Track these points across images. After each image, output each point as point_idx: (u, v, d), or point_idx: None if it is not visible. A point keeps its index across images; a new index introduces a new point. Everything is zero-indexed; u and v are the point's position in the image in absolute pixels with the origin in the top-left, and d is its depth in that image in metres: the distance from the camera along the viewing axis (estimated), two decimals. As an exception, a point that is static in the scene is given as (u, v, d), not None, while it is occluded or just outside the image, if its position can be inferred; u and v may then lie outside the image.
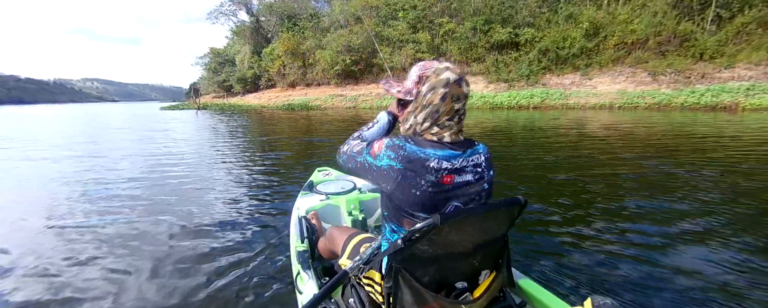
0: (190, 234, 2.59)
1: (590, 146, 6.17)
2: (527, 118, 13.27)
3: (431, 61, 0.87)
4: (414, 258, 0.84)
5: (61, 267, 2.15)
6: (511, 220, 0.93)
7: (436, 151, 0.80)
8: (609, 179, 3.85)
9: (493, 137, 7.78)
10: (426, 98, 0.82)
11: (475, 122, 11.77)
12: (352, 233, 1.24)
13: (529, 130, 9.44)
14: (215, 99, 46.48)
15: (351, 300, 1.07)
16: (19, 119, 20.38)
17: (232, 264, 2.08)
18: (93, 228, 2.76)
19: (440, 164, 0.79)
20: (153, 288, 1.87)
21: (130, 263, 2.16)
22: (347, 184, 2.15)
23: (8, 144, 8.37)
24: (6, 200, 3.68)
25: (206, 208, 3.15)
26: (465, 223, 0.83)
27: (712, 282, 1.68)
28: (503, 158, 5.21)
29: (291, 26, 37.10)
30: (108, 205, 3.36)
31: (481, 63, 24.75)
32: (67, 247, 2.42)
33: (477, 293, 0.91)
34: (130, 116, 22.59)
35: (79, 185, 4.17)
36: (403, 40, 28.16)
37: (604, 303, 0.72)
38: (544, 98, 18.86)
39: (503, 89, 22.17)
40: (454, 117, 0.83)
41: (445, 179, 0.80)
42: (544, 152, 5.76)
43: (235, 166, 5.22)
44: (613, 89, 18.55)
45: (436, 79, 0.82)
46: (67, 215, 3.08)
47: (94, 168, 5.23)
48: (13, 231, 2.79)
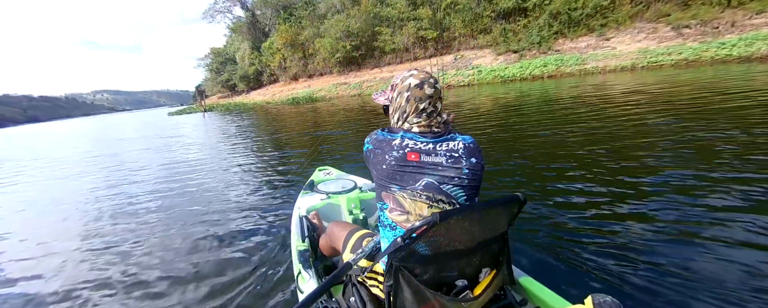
0: (190, 233, 2.63)
1: (606, 120, 5.33)
2: (541, 89, 12.49)
3: (406, 72, 1.02)
4: (414, 256, 0.84)
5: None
6: (511, 217, 0.94)
7: (403, 134, 0.96)
8: (625, 162, 3.34)
9: (500, 117, 7.07)
10: (396, 102, 1.01)
11: (482, 101, 11.10)
12: (353, 228, 1.26)
13: (544, 103, 8.69)
14: (221, 99, 46.55)
15: (352, 298, 1.07)
16: (38, 138, 20.66)
17: (233, 264, 2.10)
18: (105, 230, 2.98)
19: (403, 142, 0.94)
20: (153, 287, 1.91)
21: (131, 261, 2.24)
22: (348, 183, 2.14)
23: (34, 164, 8.55)
24: (34, 222, 3.73)
25: (208, 208, 3.21)
26: (464, 221, 0.84)
27: (715, 281, 1.58)
28: (506, 142, 4.67)
29: (287, 17, 36.21)
30: (130, 214, 3.49)
31: (487, 34, 23.57)
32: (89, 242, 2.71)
33: (477, 291, 0.93)
34: (140, 125, 23.11)
35: (98, 201, 4.23)
36: (403, 18, 27.01)
37: (604, 300, 0.71)
38: (558, 66, 17.80)
39: (514, 60, 21.07)
40: (421, 114, 0.96)
41: (410, 156, 0.92)
42: (552, 130, 5.10)
43: (239, 168, 5.19)
44: (633, 49, 17.31)
45: (401, 85, 0.99)
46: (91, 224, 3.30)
47: (111, 181, 5.36)
48: (47, 251, 2.82)
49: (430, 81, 0.96)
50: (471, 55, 23.94)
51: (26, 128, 65.81)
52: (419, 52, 27.53)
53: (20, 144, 17.21)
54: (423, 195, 0.90)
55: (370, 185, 2.07)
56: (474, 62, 22.70)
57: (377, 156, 0.95)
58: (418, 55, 27.60)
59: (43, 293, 2.09)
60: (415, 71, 0.99)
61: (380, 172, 0.93)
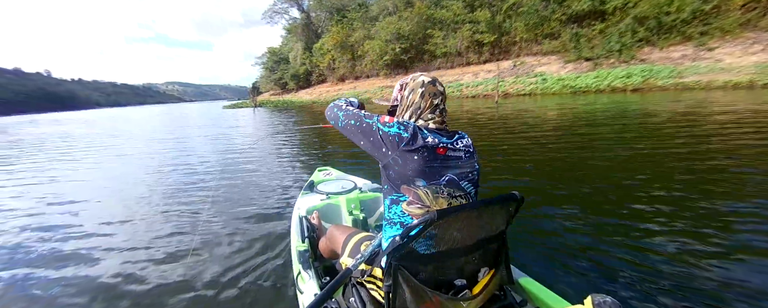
0: (191, 233, 2.59)
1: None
2: (620, 104, 10.20)
3: (411, 75, 1.01)
4: (413, 255, 0.84)
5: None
6: (509, 217, 0.93)
7: (428, 133, 0.90)
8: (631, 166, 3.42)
9: (572, 131, 5.57)
10: (408, 100, 0.97)
11: (551, 115, 9.19)
12: (351, 232, 1.24)
13: (637, 118, 6.77)
14: (272, 96, 48.42)
15: (352, 299, 1.05)
16: (120, 121, 22.26)
17: (233, 264, 2.05)
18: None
19: (432, 139, 0.89)
20: (152, 286, 1.87)
21: (133, 261, 2.17)
22: (347, 183, 2.14)
23: (119, 141, 9.62)
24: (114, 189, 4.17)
25: (211, 210, 3.13)
26: (462, 219, 0.84)
27: (715, 281, 1.59)
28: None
29: (340, 19, 36.45)
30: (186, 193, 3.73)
31: (554, 40, 21.10)
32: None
33: (476, 290, 0.92)
34: (199, 115, 24.32)
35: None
36: (458, 21, 25.42)
37: (604, 301, 0.70)
38: (646, 77, 15.02)
39: (586, 68, 18.44)
40: (435, 110, 0.95)
41: (439, 149, 0.89)
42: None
43: (249, 166, 5.04)
44: (747, 62, 14.04)
45: (413, 83, 0.97)
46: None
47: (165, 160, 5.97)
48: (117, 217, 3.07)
49: (439, 80, 0.99)
50: (533, 61, 21.59)
51: (110, 110, 79.21)
52: (473, 57, 25.70)
53: (113, 123, 19.16)
54: (445, 191, 0.89)
55: (370, 186, 2.06)
56: (537, 70, 20.38)
57: (410, 146, 0.86)
58: (472, 59, 25.78)
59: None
60: (421, 74, 1.00)
61: (408, 162, 0.86)
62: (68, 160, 6.49)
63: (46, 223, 2.97)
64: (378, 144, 0.88)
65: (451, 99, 21.00)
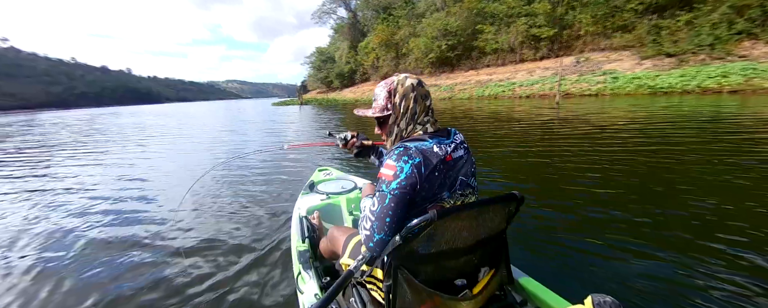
0: (191, 234, 2.55)
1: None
2: (715, 107, 8.29)
3: (388, 79, 0.96)
4: (413, 255, 0.83)
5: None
6: (509, 217, 0.93)
7: (430, 140, 0.88)
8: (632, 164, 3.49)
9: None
10: (402, 106, 0.92)
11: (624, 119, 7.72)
12: (352, 232, 1.22)
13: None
14: (318, 94, 49.84)
15: (352, 299, 1.05)
16: (186, 115, 24.91)
17: (233, 264, 2.04)
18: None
19: (439, 148, 0.88)
20: (152, 286, 1.86)
21: (133, 261, 2.17)
22: (348, 183, 2.15)
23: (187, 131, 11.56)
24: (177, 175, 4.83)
25: (212, 209, 3.13)
26: (461, 218, 0.83)
27: (715, 281, 1.56)
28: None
29: (386, 17, 36.14)
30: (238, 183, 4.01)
31: (627, 33, 18.55)
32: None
33: (476, 290, 0.92)
34: (252, 112, 25.70)
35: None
36: (512, 14, 23.60)
37: (604, 301, 0.70)
38: (747, 77, 12.42)
39: (668, 66, 15.88)
40: (428, 112, 0.93)
41: (448, 157, 0.88)
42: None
43: (267, 163, 5.14)
44: None
45: (402, 88, 0.92)
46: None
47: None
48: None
49: (420, 80, 0.95)
50: (600, 57, 19.20)
51: (179, 105, 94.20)
52: (528, 53, 23.72)
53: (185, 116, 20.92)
54: (458, 193, 0.90)
55: None
56: (605, 67, 18.07)
57: (427, 167, 0.84)
58: (526, 56, 23.81)
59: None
60: (401, 75, 0.96)
61: (433, 181, 0.85)
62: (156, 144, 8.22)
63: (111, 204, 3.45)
64: (407, 192, 0.83)
65: (500, 99, 19.54)
